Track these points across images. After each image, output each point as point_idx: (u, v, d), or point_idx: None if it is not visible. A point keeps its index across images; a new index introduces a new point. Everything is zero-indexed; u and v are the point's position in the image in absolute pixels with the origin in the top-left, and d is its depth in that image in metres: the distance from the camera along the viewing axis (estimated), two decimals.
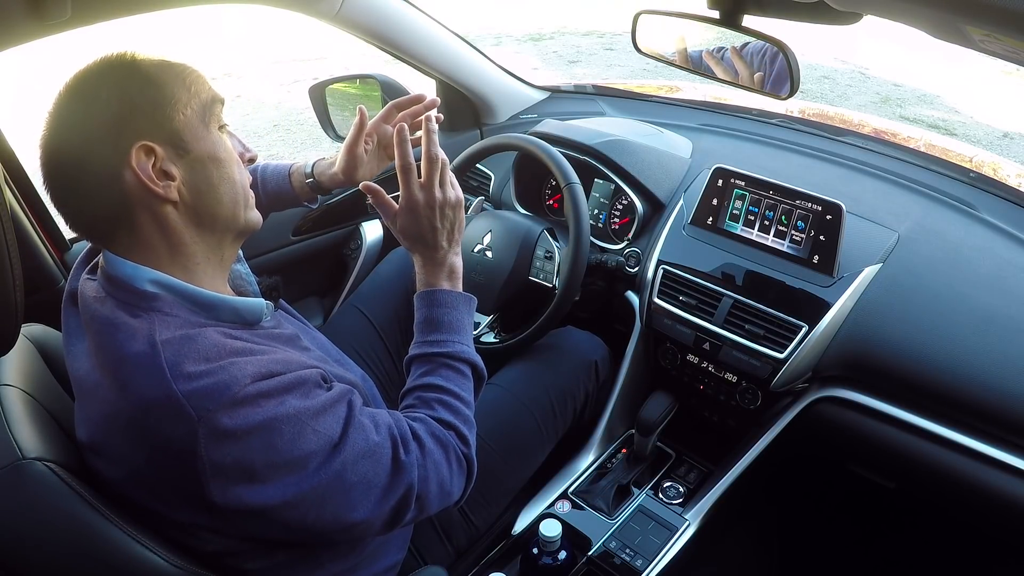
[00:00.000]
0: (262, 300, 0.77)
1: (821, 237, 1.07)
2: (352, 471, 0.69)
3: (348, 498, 0.70)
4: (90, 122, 0.66)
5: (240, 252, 0.84)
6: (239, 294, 0.82)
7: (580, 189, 1.14)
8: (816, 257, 1.08)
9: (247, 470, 0.64)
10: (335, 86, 1.56)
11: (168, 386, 0.61)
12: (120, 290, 0.68)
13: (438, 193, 0.89)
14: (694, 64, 1.16)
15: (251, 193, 0.78)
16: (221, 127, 0.75)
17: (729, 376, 1.19)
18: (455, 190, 0.91)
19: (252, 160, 0.81)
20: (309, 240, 1.46)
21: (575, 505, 1.16)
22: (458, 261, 0.93)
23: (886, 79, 5.03)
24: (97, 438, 0.68)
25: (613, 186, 1.32)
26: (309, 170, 1.07)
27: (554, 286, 1.17)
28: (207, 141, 0.72)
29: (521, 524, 1.15)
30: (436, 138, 0.91)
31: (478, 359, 0.89)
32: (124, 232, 0.69)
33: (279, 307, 0.87)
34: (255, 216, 0.78)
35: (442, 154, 0.90)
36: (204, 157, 0.71)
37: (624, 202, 1.34)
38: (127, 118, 0.66)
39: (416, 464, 0.75)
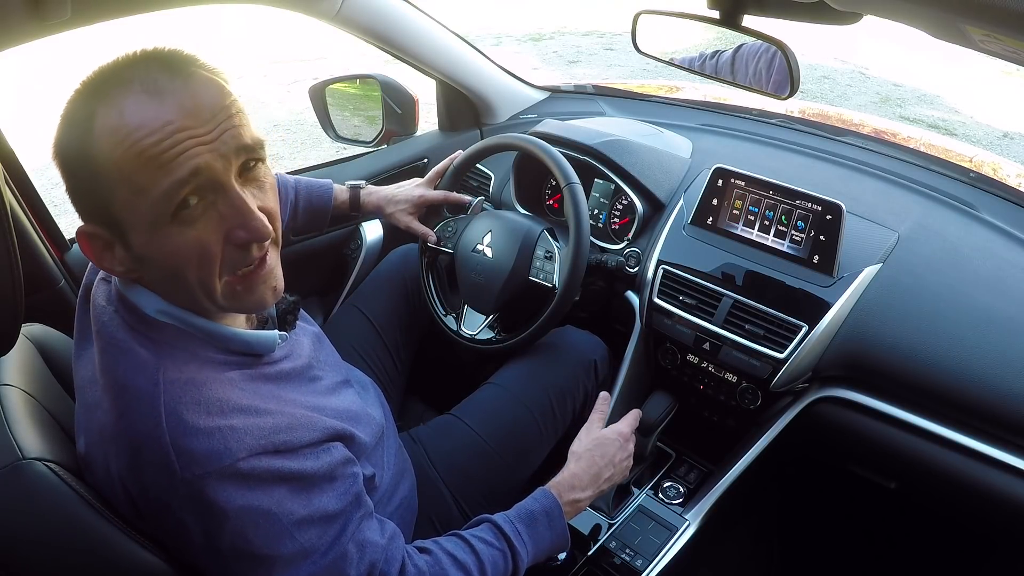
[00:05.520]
0: (275, 333, 0.73)
1: (821, 237, 1.07)
2: None
3: None
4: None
5: None
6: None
7: (580, 189, 1.14)
8: (816, 257, 1.08)
9: (211, 546, 0.62)
10: (335, 86, 1.56)
11: (161, 434, 0.60)
12: (129, 312, 0.66)
13: (632, 452, 1.03)
14: (693, 64, 1.16)
15: (242, 285, 0.64)
16: (183, 215, 0.58)
17: (729, 376, 1.19)
18: (627, 467, 1.03)
19: (262, 236, 0.61)
20: (309, 240, 1.45)
21: None
22: (586, 503, 0.96)
23: (886, 79, 5.04)
24: (92, 453, 0.67)
25: (613, 186, 1.32)
26: (348, 194, 1.20)
27: (554, 286, 1.17)
28: (151, 242, 0.60)
29: None
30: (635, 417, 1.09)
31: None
32: None
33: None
34: (254, 304, 0.67)
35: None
36: (147, 256, 0.61)
37: (624, 202, 1.34)
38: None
39: None
